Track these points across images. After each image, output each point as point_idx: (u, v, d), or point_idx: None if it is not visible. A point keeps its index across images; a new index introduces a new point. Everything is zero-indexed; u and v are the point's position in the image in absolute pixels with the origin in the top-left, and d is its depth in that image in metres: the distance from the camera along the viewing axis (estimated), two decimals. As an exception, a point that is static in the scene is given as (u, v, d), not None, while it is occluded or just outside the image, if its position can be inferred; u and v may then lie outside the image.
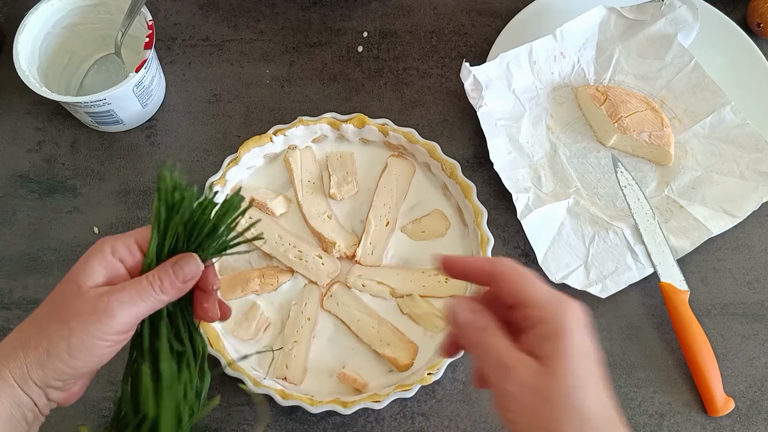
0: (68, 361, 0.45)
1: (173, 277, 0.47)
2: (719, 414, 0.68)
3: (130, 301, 0.45)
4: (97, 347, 0.45)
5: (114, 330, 0.45)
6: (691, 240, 0.74)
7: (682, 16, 0.78)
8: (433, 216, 0.75)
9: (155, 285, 0.46)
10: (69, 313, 0.45)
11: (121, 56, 0.79)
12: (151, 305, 0.46)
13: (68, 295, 0.46)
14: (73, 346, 0.44)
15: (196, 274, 0.48)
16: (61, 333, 0.45)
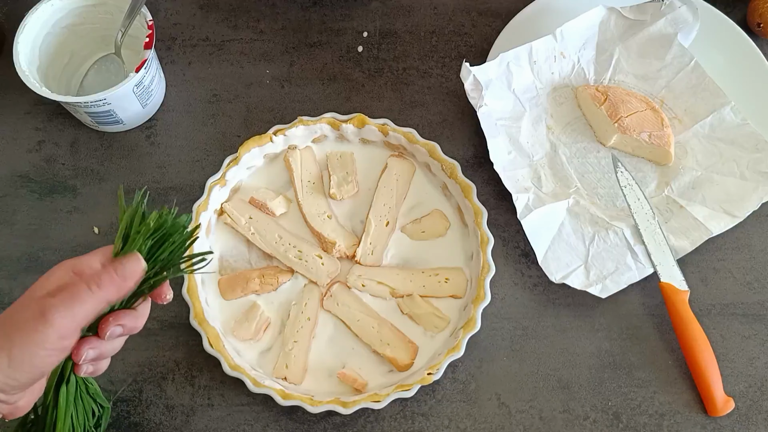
0: (10, 373, 0.44)
1: (112, 273, 0.46)
2: (719, 414, 0.68)
3: (65, 304, 0.44)
4: (38, 357, 0.44)
5: (53, 338, 0.44)
6: (691, 240, 0.74)
7: (682, 16, 0.78)
8: (433, 216, 0.75)
9: (90, 283, 0.45)
10: (13, 324, 0.44)
11: (121, 56, 0.79)
12: (90, 306, 0.45)
13: (19, 306, 0.45)
14: (14, 358, 0.43)
15: (136, 271, 0.47)
16: (3, 345, 0.44)
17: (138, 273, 0.47)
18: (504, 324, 0.72)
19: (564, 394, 0.70)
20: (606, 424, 0.68)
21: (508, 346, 0.71)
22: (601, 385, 0.70)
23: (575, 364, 0.71)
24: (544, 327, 0.72)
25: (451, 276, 0.72)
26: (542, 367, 0.70)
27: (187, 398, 0.69)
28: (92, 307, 0.45)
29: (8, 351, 0.44)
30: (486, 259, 0.70)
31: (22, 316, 0.44)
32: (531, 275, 0.74)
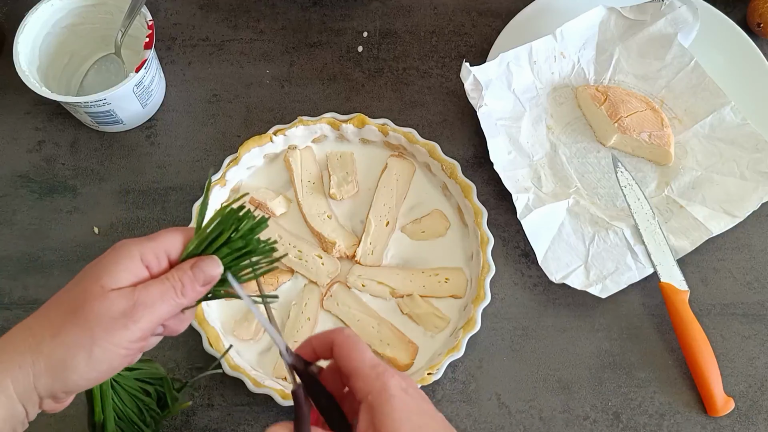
0: (85, 373, 0.42)
1: (193, 279, 0.44)
2: (719, 414, 0.68)
3: (154, 304, 0.43)
4: (117, 357, 0.42)
5: (136, 337, 0.42)
6: (691, 240, 0.74)
7: (682, 16, 0.78)
8: (433, 216, 0.75)
9: (177, 288, 0.44)
10: (91, 317, 0.41)
11: (121, 56, 0.79)
12: (170, 309, 0.44)
13: (90, 296, 0.42)
14: (95, 357, 0.41)
15: (216, 275, 0.45)
16: (81, 342, 0.41)
17: (214, 281, 0.45)
18: (504, 324, 0.72)
19: (564, 394, 0.70)
20: (606, 424, 0.68)
21: (508, 346, 0.71)
22: (601, 385, 0.70)
23: (575, 364, 0.71)
24: (544, 327, 0.72)
25: (451, 276, 0.72)
26: (542, 367, 0.70)
27: (187, 398, 0.69)
28: (171, 311, 0.44)
29: (89, 349, 0.41)
30: (486, 259, 0.70)
31: (103, 309, 0.41)
32: (531, 275, 0.74)
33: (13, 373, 0.41)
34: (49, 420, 0.67)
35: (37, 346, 0.41)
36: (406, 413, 0.41)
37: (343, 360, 0.44)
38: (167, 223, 0.76)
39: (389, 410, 0.41)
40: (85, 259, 0.75)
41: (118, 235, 0.76)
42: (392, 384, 0.42)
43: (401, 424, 0.41)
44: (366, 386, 0.43)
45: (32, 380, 0.41)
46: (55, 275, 0.74)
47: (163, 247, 0.45)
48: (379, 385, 0.42)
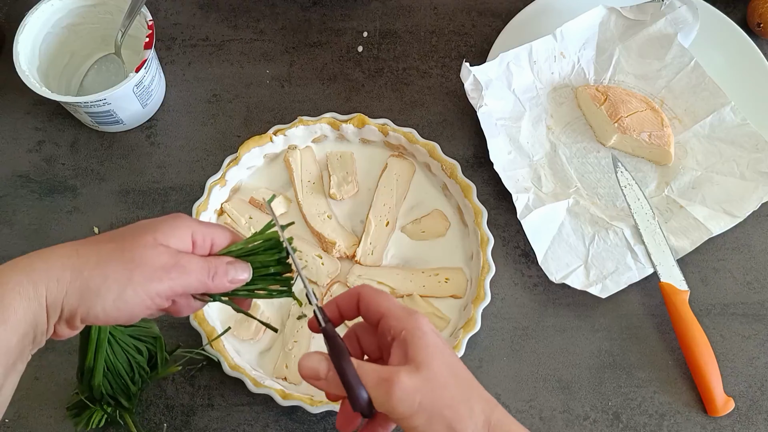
0: (110, 309, 0.44)
1: (225, 272, 0.48)
2: (719, 414, 0.67)
3: (190, 272, 0.46)
4: (140, 305, 0.45)
5: (165, 293, 0.45)
6: (691, 240, 0.74)
7: (682, 16, 0.78)
8: (433, 216, 0.75)
9: (211, 271, 0.48)
10: (136, 259, 0.44)
11: (121, 56, 0.79)
12: (197, 285, 0.47)
13: (140, 242, 0.45)
14: (125, 297, 0.44)
15: (242, 280, 0.50)
16: (120, 278, 0.44)
17: (240, 284, 0.50)
18: (504, 324, 0.72)
19: (564, 394, 0.69)
20: (606, 424, 0.68)
21: (508, 346, 0.71)
22: (601, 385, 0.70)
23: (575, 364, 0.71)
24: (544, 327, 0.72)
25: (451, 276, 0.72)
26: (542, 367, 0.70)
27: (187, 398, 0.69)
28: (196, 288, 0.47)
29: (124, 286, 0.44)
30: (486, 259, 0.70)
31: (148, 257, 0.45)
32: (531, 275, 0.74)
33: (50, 284, 0.43)
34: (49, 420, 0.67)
35: (80, 267, 0.44)
36: (438, 347, 0.46)
37: (372, 306, 0.48)
38: (167, 223, 0.76)
39: (424, 343, 0.45)
40: (85, 259, 0.75)
41: (118, 235, 0.76)
42: (424, 322, 0.47)
43: (434, 356, 0.45)
44: (400, 324, 0.46)
45: (63, 296, 0.43)
46: (55, 275, 0.74)
47: (211, 235, 0.49)
48: (413, 322, 0.46)
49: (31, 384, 0.69)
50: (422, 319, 0.47)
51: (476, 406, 0.45)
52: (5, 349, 0.42)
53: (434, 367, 0.45)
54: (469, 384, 0.46)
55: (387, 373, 0.44)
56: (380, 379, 0.44)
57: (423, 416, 0.44)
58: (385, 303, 0.48)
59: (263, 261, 0.51)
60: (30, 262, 0.44)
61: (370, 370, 0.45)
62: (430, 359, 0.45)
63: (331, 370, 0.46)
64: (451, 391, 0.45)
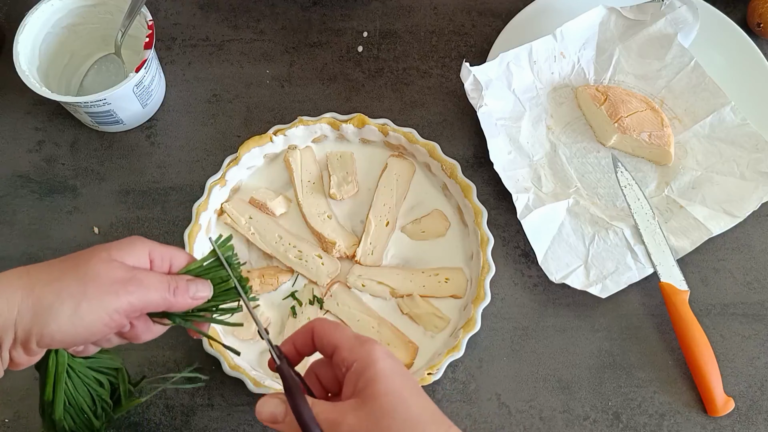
0: (65, 326, 0.42)
1: (186, 288, 0.48)
2: (719, 414, 0.68)
3: (149, 287, 0.45)
4: (98, 322, 0.43)
5: (122, 308, 0.44)
6: (691, 240, 0.74)
7: (682, 16, 0.78)
8: (433, 216, 0.75)
9: (171, 285, 0.47)
10: (89, 274, 0.43)
11: (121, 56, 0.79)
12: (157, 301, 0.46)
13: (94, 259, 0.44)
14: (80, 313, 0.42)
15: (204, 296, 0.49)
16: (73, 293, 0.42)
17: (201, 300, 0.49)
18: (504, 324, 0.72)
19: (564, 394, 0.69)
20: (606, 424, 0.68)
21: (508, 346, 0.71)
22: (601, 385, 0.70)
23: (575, 364, 0.71)
24: (544, 327, 0.72)
25: (451, 276, 0.72)
26: (542, 367, 0.70)
27: (187, 398, 0.69)
28: (157, 304, 0.46)
29: (78, 302, 0.42)
30: (486, 259, 0.70)
31: (103, 272, 0.44)
32: (531, 275, 0.74)
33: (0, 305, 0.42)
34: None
35: (30, 287, 0.42)
36: (386, 377, 0.44)
37: (325, 339, 0.47)
38: (167, 223, 0.76)
39: (372, 374, 0.44)
40: (85, 259, 0.75)
41: (118, 235, 0.76)
42: (377, 349, 0.45)
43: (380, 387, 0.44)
44: (351, 355, 0.46)
45: (15, 316, 0.42)
46: (55, 275, 0.74)
47: (170, 256, 0.49)
48: (364, 352, 0.45)
49: (31, 384, 0.69)
50: (375, 347, 0.46)
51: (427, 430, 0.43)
52: None
53: (380, 397, 0.43)
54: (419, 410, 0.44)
55: (334, 414, 0.44)
56: (329, 422, 0.44)
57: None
58: (338, 335, 0.47)
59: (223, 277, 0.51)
60: None
61: (320, 411, 0.45)
62: (376, 390, 0.44)
63: (288, 414, 0.46)
64: (396, 422, 0.43)
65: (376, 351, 0.45)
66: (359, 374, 0.45)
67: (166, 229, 0.76)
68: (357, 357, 0.45)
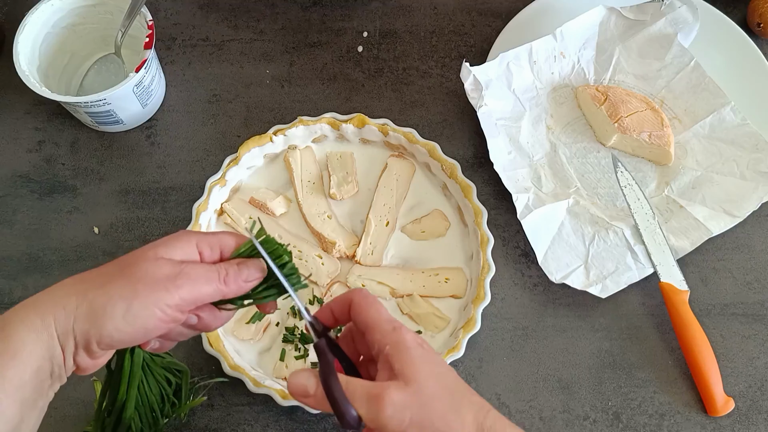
0: (121, 325, 0.44)
1: (237, 273, 0.48)
2: (719, 414, 0.67)
3: (199, 279, 0.46)
4: (152, 318, 0.44)
5: (174, 302, 0.45)
6: (691, 240, 0.74)
7: (682, 16, 0.78)
8: (433, 216, 0.75)
9: (221, 274, 0.47)
10: (138, 274, 0.44)
11: (121, 56, 0.79)
12: (211, 292, 0.46)
13: (141, 258, 0.45)
14: (133, 311, 0.43)
15: (257, 278, 0.49)
16: (124, 293, 0.44)
17: (256, 281, 0.49)
18: (504, 324, 0.72)
19: (564, 394, 0.69)
20: (606, 424, 0.68)
21: (508, 346, 0.71)
22: (601, 385, 0.70)
23: (575, 364, 0.71)
24: (544, 327, 0.72)
25: (451, 276, 0.72)
26: (542, 367, 0.70)
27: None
28: (211, 295, 0.47)
29: (129, 301, 0.43)
30: (486, 259, 0.70)
31: (151, 270, 0.45)
32: (531, 275, 0.74)
33: (56, 312, 0.43)
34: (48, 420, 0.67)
35: (84, 293, 0.44)
36: (424, 360, 0.45)
37: (361, 316, 0.48)
38: (167, 224, 0.76)
39: (409, 357, 0.45)
40: (85, 259, 0.75)
41: (118, 234, 0.76)
42: (408, 337, 0.46)
43: (420, 370, 0.45)
44: (384, 338, 0.46)
45: (72, 322, 0.43)
46: (55, 275, 0.74)
47: (218, 242, 0.49)
48: (396, 337, 0.46)
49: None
50: (406, 333, 0.47)
51: (468, 414, 0.45)
52: (19, 383, 0.42)
53: (421, 380, 0.44)
54: (459, 392, 0.46)
55: (376, 390, 0.44)
56: (370, 396, 0.44)
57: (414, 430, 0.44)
58: (373, 315, 0.48)
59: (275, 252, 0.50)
60: (35, 298, 0.44)
61: (358, 386, 0.45)
62: (417, 373, 0.45)
63: (319, 387, 0.46)
64: (440, 402, 0.44)
65: (409, 338, 0.46)
66: (394, 358, 0.45)
67: (166, 229, 0.76)
68: (389, 341, 0.46)
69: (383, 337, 0.46)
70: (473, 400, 0.46)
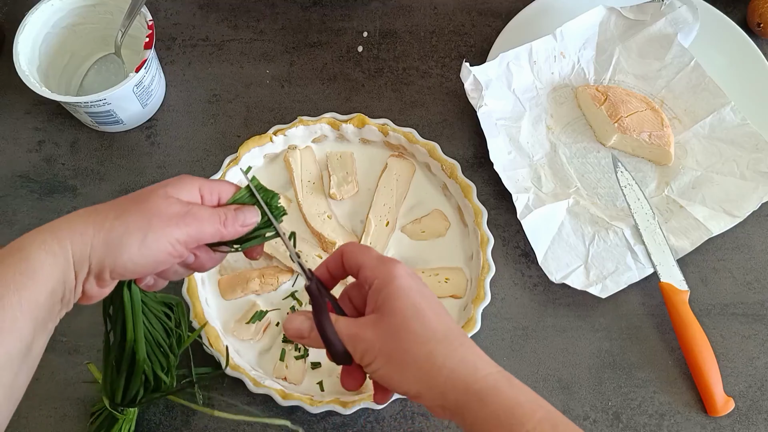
0: (135, 255, 0.46)
1: (235, 218, 0.51)
2: (719, 414, 0.68)
3: (203, 220, 0.48)
4: (164, 251, 0.47)
5: (183, 238, 0.47)
6: (691, 240, 0.74)
7: (682, 16, 0.78)
8: (433, 216, 0.75)
9: (221, 217, 0.50)
10: (153, 209, 0.47)
11: (121, 56, 0.79)
12: (211, 233, 0.49)
13: (154, 195, 0.48)
14: (147, 243, 0.46)
15: (252, 223, 0.52)
16: (139, 225, 0.46)
17: (251, 226, 0.52)
18: (504, 324, 0.72)
19: (564, 394, 0.69)
20: (606, 424, 0.68)
21: (508, 346, 0.71)
22: (601, 385, 0.70)
23: (575, 364, 0.71)
24: (544, 327, 0.72)
25: (451, 276, 0.72)
26: (542, 367, 0.70)
27: (187, 398, 0.69)
28: (212, 235, 0.49)
29: (145, 233, 0.46)
30: (486, 259, 0.70)
31: (164, 207, 0.47)
32: (531, 275, 0.74)
33: (73, 238, 0.45)
34: (49, 420, 0.67)
35: (101, 223, 0.46)
36: (406, 291, 0.48)
37: (352, 260, 0.51)
38: (167, 223, 0.76)
39: (391, 290, 0.48)
40: (85, 259, 0.75)
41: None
42: (397, 268, 0.49)
43: (397, 302, 0.47)
44: (373, 273, 0.49)
45: (89, 250, 0.45)
46: (55, 275, 0.74)
47: (218, 190, 0.52)
48: (384, 270, 0.49)
49: (31, 384, 0.69)
50: (395, 266, 0.49)
51: (438, 346, 0.46)
52: (34, 304, 0.43)
53: (397, 313, 0.47)
54: (434, 325, 0.47)
55: (354, 329, 0.48)
56: (350, 336, 0.48)
57: (381, 361, 0.47)
58: (363, 255, 0.51)
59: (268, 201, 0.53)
60: (53, 224, 0.46)
61: (343, 326, 0.49)
62: (393, 305, 0.47)
63: (313, 330, 0.50)
64: (410, 335, 0.46)
65: (396, 269, 0.49)
66: (379, 291, 0.48)
67: (166, 229, 0.76)
68: (378, 275, 0.49)
69: (372, 272, 0.49)
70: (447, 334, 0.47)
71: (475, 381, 0.45)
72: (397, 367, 0.46)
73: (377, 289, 0.48)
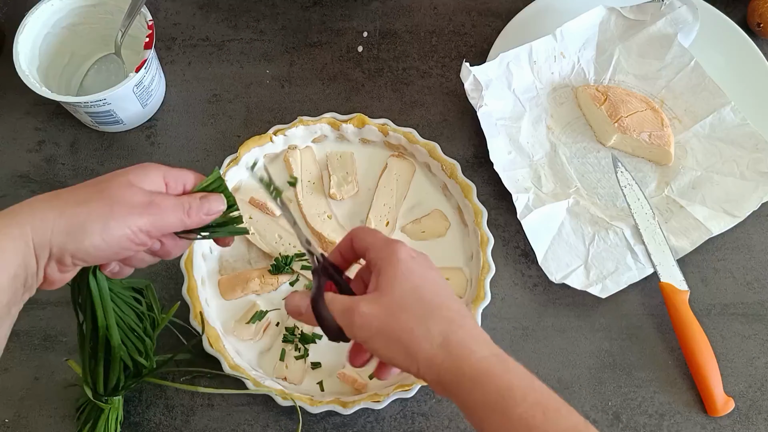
0: (99, 243, 0.46)
1: (199, 207, 0.51)
2: (719, 414, 0.68)
3: (166, 209, 0.48)
4: (125, 239, 0.47)
5: (145, 227, 0.47)
6: (691, 240, 0.74)
7: (682, 16, 0.78)
8: (433, 216, 0.75)
9: (185, 207, 0.50)
10: (115, 197, 0.47)
11: (121, 56, 0.79)
12: (175, 222, 0.49)
13: (116, 183, 0.48)
14: (109, 230, 0.46)
15: (217, 211, 0.52)
16: (102, 212, 0.46)
17: (216, 215, 0.52)
18: (504, 324, 0.72)
19: (564, 394, 0.69)
20: (606, 424, 0.68)
21: (508, 347, 0.71)
22: (601, 385, 0.70)
23: (575, 364, 0.71)
24: (544, 327, 0.72)
25: (451, 276, 0.72)
26: (542, 368, 0.70)
27: (187, 398, 0.69)
28: (176, 225, 0.50)
29: (107, 220, 0.46)
30: (486, 259, 0.70)
31: (127, 196, 0.47)
32: (531, 275, 0.74)
33: (34, 223, 0.45)
34: (48, 420, 0.67)
35: (62, 208, 0.46)
36: (405, 272, 0.49)
37: (360, 242, 0.53)
38: (167, 223, 0.76)
39: (392, 270, 0.49)
40: (85, 259, 0.75)
41: (118, 235, 0.76)
42: (401, 250, 0.50)
43: (397, 281, 0.48)
44: (378, 254, 0.50)
45: (50, 235, 0.45)
46: (55, 275, 0.74)
47: (183, 179, 0.52)
48: (388, 252, 0.50)
49: (31, 384, 0.69)
50: (398, 246, 0.50)
51: (435, 326, 0.47)
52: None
53: (396, 291, 0.48)
54: (433, 305, 0.48)
55: (349, 303, 0.49)
56: (344, 309, 0.49)
57: (380, 340, 0.47)
58: (370, 238, 0.52)
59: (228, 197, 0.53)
60: (14, 208, 0.47)
61: (338, 301, 0.50)
62: (393, 284, 0.48)
63: (309, 307, 0.51)
64: (408, 314, 0.47)
65: (400, 251, 0.50)
66: (381, 271, 0.49)
67: (166, 229, 0.76)
68: (382, 256, 0.50)
69: (377, 253, 0.50)
70: (446, 315, 0.48)
71: (470, 365, 0.46)
72: (395, 344, 0.47)
73: (379, 268, 0.50)
